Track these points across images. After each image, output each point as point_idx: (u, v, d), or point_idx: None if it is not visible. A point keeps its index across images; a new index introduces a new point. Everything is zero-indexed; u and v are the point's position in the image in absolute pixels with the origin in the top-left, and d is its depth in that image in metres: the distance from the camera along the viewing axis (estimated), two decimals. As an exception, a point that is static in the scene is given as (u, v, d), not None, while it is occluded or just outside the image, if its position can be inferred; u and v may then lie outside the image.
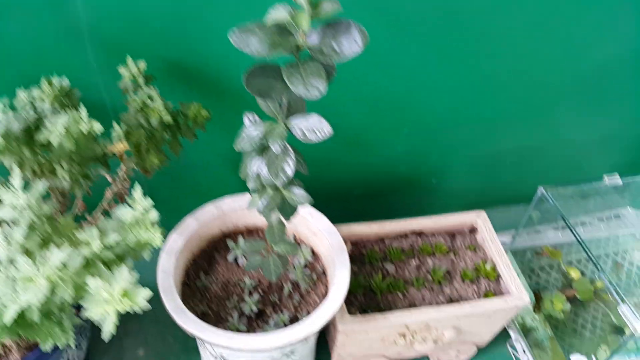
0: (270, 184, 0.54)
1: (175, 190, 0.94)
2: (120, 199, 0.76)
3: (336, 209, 1.07)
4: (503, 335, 0.97)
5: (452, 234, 0.93)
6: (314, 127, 0.51)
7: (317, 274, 0.78)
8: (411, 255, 0.89)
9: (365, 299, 0.83)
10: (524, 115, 0.97)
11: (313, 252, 0.80)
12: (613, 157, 1.14)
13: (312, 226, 0.78)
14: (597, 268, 0.77)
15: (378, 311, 0.81)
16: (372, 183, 1.03)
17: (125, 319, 0.65)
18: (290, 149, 0.53)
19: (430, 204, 1.11)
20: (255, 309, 0.72)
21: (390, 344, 0.83)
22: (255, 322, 0.72)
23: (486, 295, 0.84)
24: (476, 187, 1.10)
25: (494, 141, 1.01)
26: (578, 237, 0.80)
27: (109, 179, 0.74)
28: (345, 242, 0.88)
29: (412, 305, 0.83)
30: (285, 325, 0.71)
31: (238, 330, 0.70)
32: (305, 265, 0.78)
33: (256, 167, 0.55)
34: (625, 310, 0.69)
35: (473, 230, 0.93)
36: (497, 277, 0.87)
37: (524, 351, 0.94)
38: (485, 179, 1.09)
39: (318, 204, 1.03)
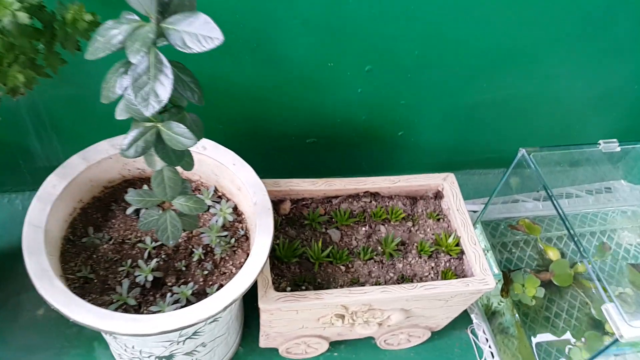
0: (139, 114, 0.37)
1: (81, 123, 0.77)
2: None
3: (285, 160, 0.91)
4: (463, 318, 0.84)
5: (413, 199, 0.78)
6: (198, 32, 0.35)
7: (237, 239, 0.62)
8: (361, 221, 0.74)
9: (300, 270, 0.68)
10: (511, 60, 0.80)
11: (237, 211, 0.65)
12: (609, 122, 0.99)
13: (236, 179, 0.62)
14: (580, 251, 0.62)
15: (314, 286, 0.67)
16: (327, 132, 0.86)
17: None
18: (166, 63, 0.36)
19: (395, 162, 0.96)
20: (150, 277, 0.57)
21: (327, 324, 0.69)
22: (150, 294, 0.57)
23: (445, 274, 0.70)
24: (450, 145, 0.95)
25: (474, 91, 0.84)
26: (560, 210, 0.66)
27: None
28: (284, 200, 0.73)
29: (354, 281, 0.68)
30: (188, 300, 0.56)
31: (125, 303, 0.55)
32: (224, 227, 0.63)
33: (121, 87, 0.38)
34: (610, 310, 0.56)
35: (438, 195, 0.78)
36: (461, 254, 0.72)
37: (486, 339, 0.81)
38: (461, 136, 0.93)
39: (258, 153, 0.87)
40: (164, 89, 0.36)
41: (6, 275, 0.76)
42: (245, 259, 0.61)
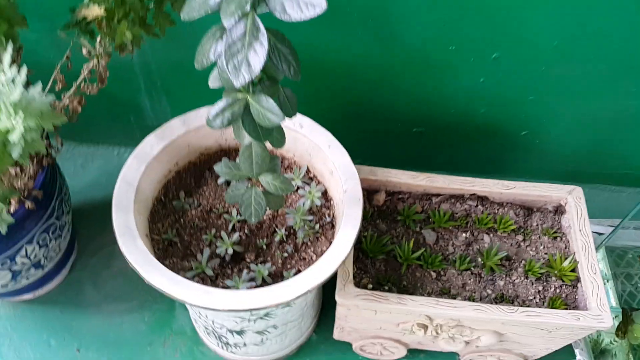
0: (229, 83, 0.34)
1: (189, 87, 0.77)
2: (100, 80, 0.60)
3: (386, 148, 0.86)
4: (565, 350, 0.74)
5: (528, 209, 0.69)
6: (299, -3, 0.30)
7: (322, 225, 0.59)
8: (463, 226, 0.67)
9: (386, 268, 0.63)
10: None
11: (326, 196, 0.61)
12: None
13: (329, 162, 0.58)
14: None
15: (398, 288, 0.62)
16: (437, 122, 0.79)
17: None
18: (262, 30, 0.32)
19: (510, 165, 0.86)
20: (230, 251, 0.55)
21: (407, 331, 0.63)
22: (229, 267, 0.56)
23: (553, 302, 0.61)
24: (580, 153, 0.83)
25: (619, 94, 0.72)
26: None
27: (84, 52, 0.57)
28: (379, 190, 0.68)
29: (444, 291, 0.62)
30: (263, 280, 0.54)
31: (203, 272, 0.54)
32: (311, 211, 0.59)
33: (215, 53, 0.35)
34: None
35: (559, 209, 0.68)
36: (576, 281, 0.63)
37: (589, 379, 0.71)
38: (596, 144, 0.81)
39: (358, 137, 0.82)
40: (258, 58, 0.32)
41: (106, 224, 0.80)
42: (327, 248, 0.57)
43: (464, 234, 0.66)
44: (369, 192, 0.69)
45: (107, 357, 0.73)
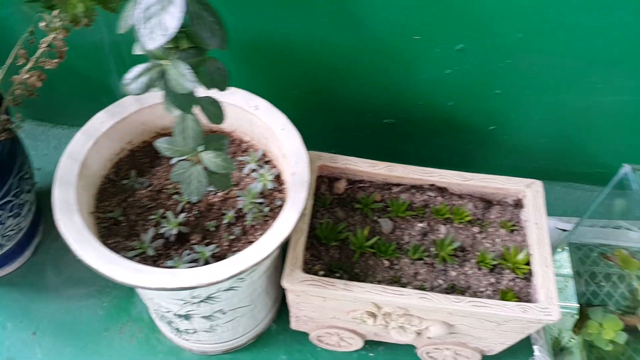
0: (145, 47, 0.34)
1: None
2: (59, 55, 0.60)
3: (360, 139, 0.85)
4: (526, 347, 0.73)
5: (488, 202, 0.68)
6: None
7: (273, 208, 0.58)
8: (420, 216, 0.67)
9: (340, 256, 0.63)
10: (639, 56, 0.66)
11: (279, 180, 0.60)
12: None
13: (282, 145, 0.57)
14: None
15: (349, 275, 0.61)
16: (407, 114, 0.79)
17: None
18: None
19: (482, 159, 0.85)
20: (175, 231, 0.55)
21: (358, 320, 0.63)
22: (173, 249, 0.55)
23: (504, 294, 0.61)
24: (551, 150, 0.82)
25: (586, 90, 0.71)
26: None
27: (41, 25, 0.57)
28: (340, 178, 0.68)
29: (395, 279, 0.61)
30: (207, 261, 0.54)
31: (145, 253, 0.54)
32: (263, 194, 0.59)
33: (134, 17, 0.35)
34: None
35: (519, 203, 0.68)
36: (529, 275, 0.62)
37: (547, 376, 0.70)
38: (566, 142, 0.80)
39: (331, 127, 0.82)
40: (172, 20, 0.32)
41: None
42: (277, 232, 0.56)
43: (420, 224, 0.66)
44: (330, 180, 0.69)
45: (62, 342, 0.73)
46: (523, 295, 0.61)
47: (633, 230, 0.79)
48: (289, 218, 0.50)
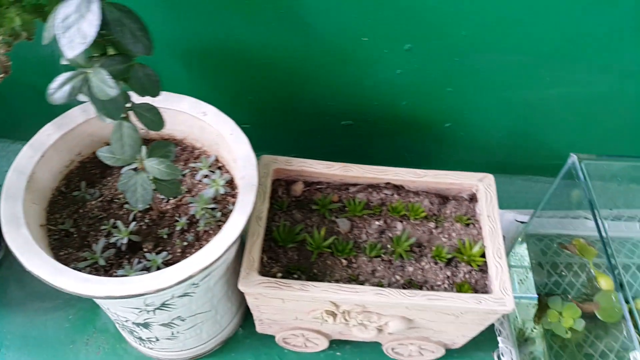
0: (65, 55, 0.34)
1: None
2: (4, 70, 0.60)
3: (320, 142, 0.86)
4: (492, 339, 0.74)
5: (444, 198, 0.69)
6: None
7: (225, 213, 0.59)
8: (377, 214, 0.67)
9: (299, 257, 0.63)
10: (583, 50, 0.68)
11: (232, 184, 0.61)
12: None
13: (232, 150, 0.58)
14: (614, 274, 0.51)
15: (307, 276, 0.62)
16: (364, 115, 0.80)
17: None
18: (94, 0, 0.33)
19: (442, 156, 0.86)
20: (126, 240, 0.55)
21: (320, 320, 0.63)
22: (126, 258, 0.55)
23: (460, 287, 0.61)
24: (507, 144, 0.84)
25: (535, 84, 0.73)
26: (601, 228, 0.54)
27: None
28: (297, 181, 0.68)
29: (352, 278, 0.62)
30: (159, 269, 0.54)
31: (96, 263, 0.54)
32: (215, 199, 0.59)
33: (55, 27, 0.35)
34: (639, 359, 0.44)
35: (474, 197, 0.69)
36: (485, 267, 0.63)
37: (511, 366, 0.71)
38: (521, 136, 0.82)
39: (290, 132, 0.82)
40: (90, 27, 0.33)
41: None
42: (230, 236, 0.56)
43: (377, 222, 0.66)
44: (287, 183, 0.69)
45: (28, 356, 0.72)
46: (479, 287, 0.62)
47: (590, 219, 0.81)
48: (238, 221, 0.51)
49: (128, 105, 0.43)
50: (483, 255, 0.63)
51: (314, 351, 0.73)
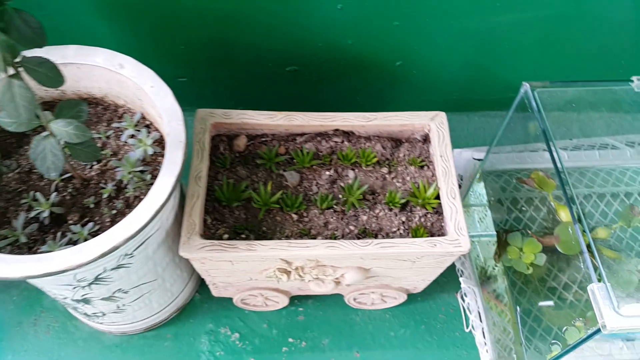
0: None
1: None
2: None
3: (266, 91, 0.81)
4: (455, 280, 0.73)
5: (397, 141, 0.66)
6: None
7: (157, 175, 0.54)
8: (327, 164, 0.63)
9: (246, 216, 0.59)
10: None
11: (162, 143, 0.56)
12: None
13: (156, 104, 0.53)
14: (571, 205, 0.49)
15: (256, 235, 0.58)
16: (309, 58, 0.74)
17: None
18: None
19: (396, 97, 0.82)
20: (47, 213, 0.50)
21: (274, 278, 0.60)
22: (51, 232, 0.51)
23: (415, 231, 0.59)
24: (461, 80, 0.80)
25: (485, 11, 0.68)
26: (557, 162, 0.51)
27: None
28: (239, 135, 0.64)
29: (304, 232, 0.58)
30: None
31: (17, 241, 0.49)
32: (144, 161, 0.54)
33: None
34: (596, 291, 0.43)
35: (427, 138, 0.65)
36: (440, 209, 0.60)
37: (477, 307, 0.69)
38: (475, 69, 0.78)
39: (232, 82, 0.77)
40: None
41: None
42: (164, 200, 0.52)
43: (327, 172, 0.63)
44: (229, 138, 0.64)
45: (-28, 342, 0.68)
46: (436, 230, 0.60)
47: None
48: (165, 184, 0.46)
49: (17, 60, 0.38)
50: (438, 197, 0.60)
51: (276, 309, 0.71)
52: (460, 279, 0.70)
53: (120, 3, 0.65)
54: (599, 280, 0.43)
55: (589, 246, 0.45)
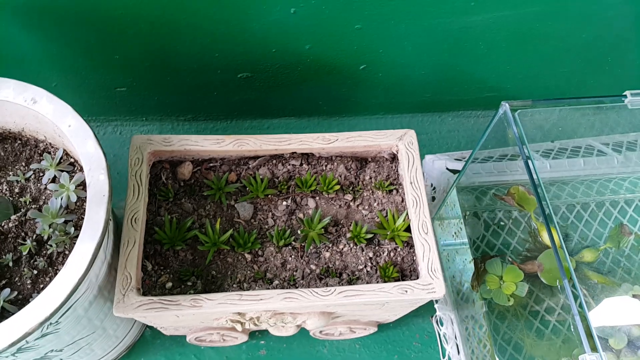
0: None
1: None
2: None
3: (220, 100, 0.72)
4: (429, 305, 0.68)
5: (362, 161, 0.59)
6: None
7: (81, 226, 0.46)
8: (285, 192, 0.56)
9: (193, 257, 0.53)
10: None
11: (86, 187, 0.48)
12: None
13: (77, 149, 0.44)
14: (549, 223, 0.43)
15: (204, 281, 0.51)
16: (262, 65, 0.66)
17: None
18: None
19: (362, 101, 0.75)
20: (-48, 280, 0.43)
21: (228, 325, 0.54)
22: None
23: (384, 270, 0.53)
24: (432, 81, 0.73)
25: (457, 11, 0.61)
26: (531, 168, 0.45)
27: None
28: (183, 161, 0.56)
29: (258, 276, 0.52)
30: (6, 309, 0.42)
31: None
32: (69, 209, 0.47)
33: None
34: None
35: (395, 157, 0.59)
36: (412, 240, 0.54)
37: (454, 332, 0.64)
38: (447, 70, 0.71)
39: (178, 92, 0.67)
40: None
41: None
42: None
43: (285, 202, 0.56)
44: (171, 165, 0.57)
45: None
46: (407, 266, 0.54)
47: (535, 158, 0.73)
48: (84, 251, 0.39)
49: None
50: (409, 229, 0.54)
51: (235, 344, 0.65)
52: (436, 306, 0.65)
53: (42, 10, 0.56)
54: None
55: (582, 314, 0.39)
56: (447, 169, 0.71)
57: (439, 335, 0.66)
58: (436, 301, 0.66)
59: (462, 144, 0.79)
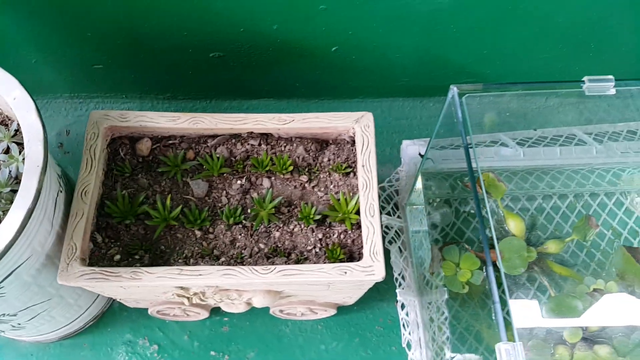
0: None
1: None
2: None
3: (194, 80, 0.73)
4: (393, 289, 0.67)
5: (323, 143, 0.59)
6: None
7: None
8: (240, 171, 0.57)
9: (145, 231, 0.54)
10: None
11: (38, 157, 0.49)
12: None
13: (20, 120, 0.46)
14: (479, 217, 0.42)
15: (152, 255, 0.52)
16: (233, 44, 0.66)
17: None
18: None
19: (336, 83, 0.74)
20: None
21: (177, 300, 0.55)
22: None
23: (332, 251, 0.52)
24: (410, 64, 0.71)
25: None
26: (469, 155, 0.45)
27: None
28: (141, 137, 0.57)
29: (206, 252, 0.53)
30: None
31: None
32: (18, 179, 0.48)
33: None
34: (502, 352, 0.37)
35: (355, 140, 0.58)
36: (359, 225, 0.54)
37: (416, 320, 0.64)
38: (424, 54, 0.69)
39: (150, 71, 0.68)
40: None
41: None
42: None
43: (239, 181, 0.56)
44: (131, 141, 0.58)
45: None
46: (356, 249, 0.53)
47: (509, 145, 0.71)
48: (13, 220, 0.40)
49: None
50: (357, 212, 0.54)
51: (198, 319, 0.66)
52: (397, 290, 0.65)
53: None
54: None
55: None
56: (420, 154, 0.69)
57: (403, 320, 0.65)
58: (399, 285, 0.66)
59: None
